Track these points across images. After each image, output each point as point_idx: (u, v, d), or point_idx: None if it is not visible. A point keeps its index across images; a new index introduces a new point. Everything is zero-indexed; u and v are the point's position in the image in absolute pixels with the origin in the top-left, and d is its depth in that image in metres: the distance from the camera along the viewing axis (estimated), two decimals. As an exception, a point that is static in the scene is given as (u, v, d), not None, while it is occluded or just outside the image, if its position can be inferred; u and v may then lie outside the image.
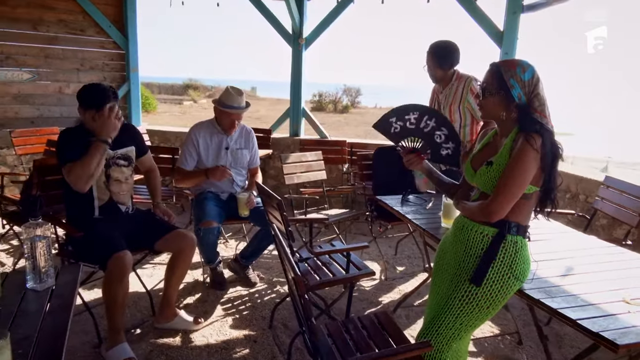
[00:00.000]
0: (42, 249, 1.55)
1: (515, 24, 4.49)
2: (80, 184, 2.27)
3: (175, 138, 5.49)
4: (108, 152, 2.39)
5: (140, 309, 2.82)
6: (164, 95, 33.04)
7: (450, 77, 3.08)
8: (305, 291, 1.30)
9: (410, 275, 3.59)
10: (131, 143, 2.58)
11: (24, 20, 4.88)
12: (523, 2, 4.46)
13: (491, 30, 4.56)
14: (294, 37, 5.14)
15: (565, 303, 1.55)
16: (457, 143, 1.90)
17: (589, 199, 3.60)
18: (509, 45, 4.49)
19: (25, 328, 1.30)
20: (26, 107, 5.03)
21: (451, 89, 3.08)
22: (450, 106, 3.08)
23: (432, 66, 3.05)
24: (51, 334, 1.30)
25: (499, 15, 4.55)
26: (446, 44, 3.04)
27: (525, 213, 1.59)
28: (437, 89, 3.20)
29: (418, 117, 1.89)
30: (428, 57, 3.06)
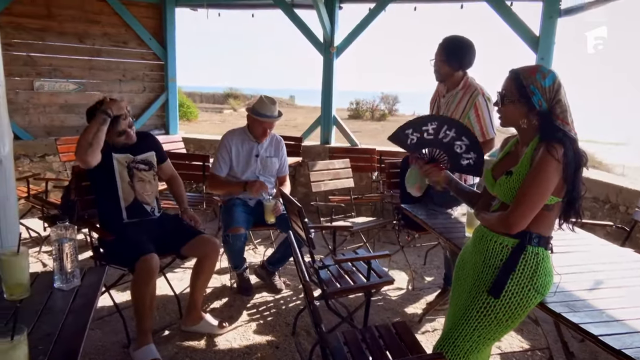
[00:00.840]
0: (68, 250, 1.62)
1: (551, 29, 4.36)
2: (81, 154, 2.32)
3: (210, 146, 5.63)
4: (128, 157, 2.51)
5: (168, 312, 2.90)
6: (206, 104, 34.00)
7: (458, 81, 2.79)
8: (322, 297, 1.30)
9: (439, 286, 3.50)
10: (151, 149, 2.68)
11: (70, 34, 5.16)
12: (560, 6, 4.32)
13: (526, 35, 4.45)
14: (325, 45, 5.18)
15: (588, 318, 1.47)
16: (478, 153, 1.84)
17: (629, 210, 3.42)
18: (545, 50, 4.37)
19: (48, 325, 1.37)
20: (72, 116, 5.31)
21: (455, 96, 2.80)
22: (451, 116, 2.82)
23: (438, 60, 2.76)
24: (71, 332, 1.35)
25: (535, 20, 4.44)
26: (460, 40, 2.75)
27: (547, 224, 1.53)
28: (440, 89, 2.93)
29: (437, 127, 1.84)
30: (437, 50, 2.77)
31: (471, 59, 2.77)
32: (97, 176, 2.52)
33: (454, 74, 2.77)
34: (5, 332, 1.08)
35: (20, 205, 4.16)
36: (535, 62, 4.42)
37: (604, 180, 3.66)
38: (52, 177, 4.54)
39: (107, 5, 5.29)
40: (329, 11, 5.02)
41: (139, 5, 5.56)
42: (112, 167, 2.49)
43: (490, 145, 2.82)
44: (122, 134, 2.50)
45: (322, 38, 5.20)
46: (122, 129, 2.49)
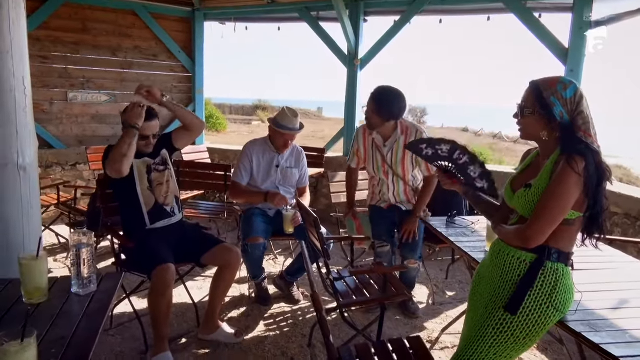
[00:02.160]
0: (86, 256, 1.65)
1: (581, 41, 4.24)
2: (115, 165, 2.36)
3: (234, 156, 5.70)
4: (147, 160, 2.57)
5: (186, 320, 2.93)
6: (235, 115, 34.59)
7: (391, 128, 2.93)
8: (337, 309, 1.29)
9: (460, 301, 3.42)
10: (162, 147, 2.71)
11: (104, 47, 5.37)
12: (591, 18, 4.21)
13: (555, 47, 4.34)
14: (350, 58, 5.21)
15: (610, 338, 1.41)
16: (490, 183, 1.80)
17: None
18: (575, 62, 4.25)
19: (62, 329, 1.40)
20: (103, 127, 5.49)
21: (398, 141, 2.94)
22: (403, 160, 2.97)
23: (369, 110, 2.87)
24: (84, 336, 1.38)
25: (564, 31, 4.34)
26: (390, 91, 2.85)
27: (567, 239, 1.48)
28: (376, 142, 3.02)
29: (450, 149, 1.84)
30: (369, 100, 2.90)
31: (401, 110, 2.88)
32: (119, 184, 2.57)
33: (384, 124, 2.89)
34: (16, 334, 1.11)
35: (51, 212, 4.33)
36: (564, 73, 4.31)
37: (636, 196, 3.51)
38: (82, 185, 4.68)
39: (138, 20, 5.49)
40: (353, 24, 5.05)
41: (169, 20, 5.74)
42: (133, 174, 2.53)
43: (434, 180, 2.96)
44: (143, 139, 2.53)
45: (346, 50, 5.23)
46: (144, 134, 2.52)
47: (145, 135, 2.53)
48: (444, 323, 3.05)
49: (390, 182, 3.09)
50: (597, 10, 4.33)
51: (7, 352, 1.09)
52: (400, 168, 3.03)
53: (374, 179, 3.19)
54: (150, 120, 2.54)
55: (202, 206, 4.20)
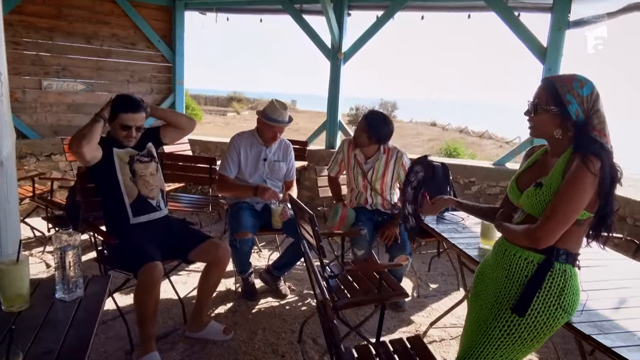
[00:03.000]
0: (71, 258, 1.53)
1: (559, 40, 4.35)
2: (73, 144, 2.32)
3: (215, 148, 5.61)
4: (130, 151, 2.49)
5: (172, 317, 2.86)
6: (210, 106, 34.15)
7: (374, 150, 3.14)
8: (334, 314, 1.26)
9: (444, 293, 3.47)
10: (148, 140, 2.62)
11: (79, 34, 5.16)
12: (569, 18, 4.31)
13: (534, 46, 4.44)
14: (333, 51, 5.17)
15: (620, 341, 1.40)
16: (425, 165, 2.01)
17: (637, 222, 3.38)
18: (553, 61, 4.36)
19: (48, 341, 1.28)
20: (79, 116, 5.28)
21: (380, 160, 3.14)
22: (384, 177, 3.16)
23: (359, 129, 3.07)
24: (73, 348, 1.26)
25: (543, 31, 4.43)
26: (381, 116, 3.11)
27: (575, 240, 1.47)
28: (358, 158, 3.18)
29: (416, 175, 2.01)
30: (361, 121, 3.11)
31: (387, 136, 3.09)
32: (99, 174, 2.48)
33: (370, 145, 3.08)
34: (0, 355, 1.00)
35: (25, 204, 4.15)
36: (543, 72, 4.40)
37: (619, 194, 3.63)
38: (57, 176, 4.51)
39: (117, 7, 5.30)
40: (337, 17, 5.01)
41: (148, 8, 5.56)
42: (113, 163, 2.44)
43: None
44: (125, 129, 2.43)
45: (330, 44, 5.19)
46: (126, 124, 2.42)
47: (126, 125, 2.42)
48: (430, 316, 3.08)
49: (368, 195, 3.23)
50: (575, 11, 4.44)
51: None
52: (379, 184, 3.17)
53: (352, 190, 3.29)
54: (136, 112, 2.44)
55: (184, 199, 4.11)
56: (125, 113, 2.41)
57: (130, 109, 2.42)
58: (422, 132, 29.86)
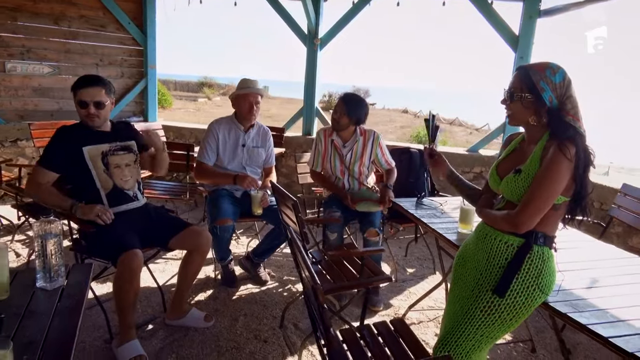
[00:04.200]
0: (53, 246, 1.52)
1: (531, 29, 4.46)
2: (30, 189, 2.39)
3: (190, 134, 5.51)
4: (103, 147, 2.44)
5: (151, 305, 2.83)
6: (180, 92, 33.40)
7: (352, 132, 3.19)
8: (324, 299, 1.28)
9: (420, 277, 3.56)
10: (130, 139, 2.59)
11: (45, 15, 4.94)
12: (540, 7, 4.40)
13: (506, 35, 4.52)
14: (310, 37, 5.13)
15: (594, 319, 1.48)
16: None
17: (603, 206, 3.53)
18: (524, 49, 4.47)
19: (32, 331, 1.26)
20: (46, 100, 5.09)
21: (357, 142, 3.20)
22: (362, 158, 3.21)
23: (339, 112, 3.10)
24: (59, 337, 1.25)
25: (514, 19, 4.52)
26: (358, 97, 3.20)
27: (552, 223, 1.53)
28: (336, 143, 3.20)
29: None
30: (339, 103, 3.13)
31: (365, 115, 3.16)
32: (70, 170, 2.42)
33: (349, 126, 3.13)
34: None
35: (-10, 192, 4.00)
36: (514, 61, 4.50)
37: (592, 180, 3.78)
38: (25, 163, 4.35)
39: (84, -14, 5.09)
40: (314, 2, 4.96)
41: (118, -12, 5.37)
42: (84, 160, 2.39)
43: (394, 171, 3.27)
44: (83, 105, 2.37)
45: (306, 29, 5.14)
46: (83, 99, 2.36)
47: (83, 101, 2.36)
48: (407, 299, 3.16)
49: (345, 180, 3.24)
50: (546, 0, 4.55)
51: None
52: (357, 167, 3.20)
53: (330, 177, 3.29)
54: (90, 86, 2.37)
55: (159, 186, 4.03)
56: (81, 89, 2.36)
57: (85, 84, 2.37)
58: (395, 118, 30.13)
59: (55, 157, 2.36)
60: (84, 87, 2.36)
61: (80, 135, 2.42)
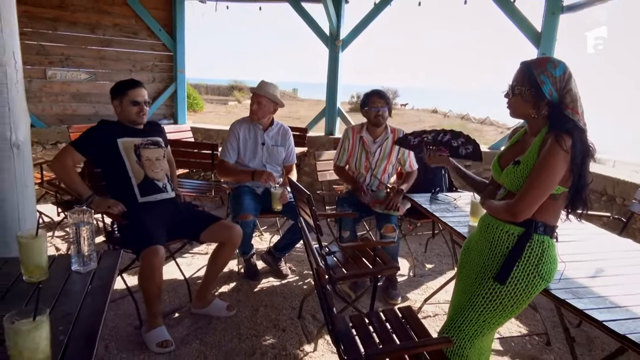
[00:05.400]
0: (86, 233, 1.65)
1: (554, 25, 4.41)
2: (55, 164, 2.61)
3: (217, 135, 5.71)
4: (135, 140, 2.64)
5: (178, 295, 2.99)
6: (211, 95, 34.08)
7: (383, 128, 3.29)
8: (328, 282, 1.38)
9: (439, 272, 3.60)
10: (158, 135, 2.79)
11: (82, 24, 5.24)
12: (563, 3, 4.36)
13: (529, 31, 4.49)
14: (331, 38, 5.24)
15: (592, 304, 1.52)
16: (474, 144, 2.01)
17: (625, 202, 3.49)
18: (547, 46, 4.42)
19: (66, 306, 1.40)
20: (84, 105, 5.40)
21: (387, 139, 3.28)
22: (390, 156, 3.30)
23: (377, 104, 3.19)
24: (90, 313, 1.38)
25: (537, 16, 4.49)
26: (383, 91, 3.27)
27: (552, 213, 1.58)
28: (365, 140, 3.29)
29: (435, 134, 2.12)
30: (375, 99, 3.20)
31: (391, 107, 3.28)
32: (104, 161, 2.64)
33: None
34: (28, 313, 1.09)
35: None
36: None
37: (601, 173, 3.73)
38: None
39: (118, -4, 5.37)
40: (335, 4, 5.06)
41: (149, -3, 5.63)
42: (118, 151, 2.59)
43: (415, 174, 3.37)
44: (136, 104, 2.62)
45: (328, 31, 5.25)
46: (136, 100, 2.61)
47: (136, 101, 2.61)
48: (425, 293, 3.21)
49: (367, 177, 3.33)
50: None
51: (20, 331, 1.06)
52: (383, 165, 3.29)
53: (353, 173, 3.38)
54: (141, 87, 2.65)
55: (187, 185, 4.22)
56: (132, 89, 2.60)
57: (135, 85, 2.63)
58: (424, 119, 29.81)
59: (89, 142, 2.58)
60: (134, 88, 2.61)
61: (117, 129, 2.63)
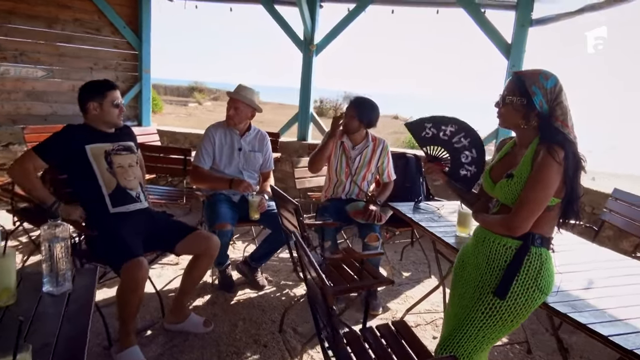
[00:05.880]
0: (60, 251, 1.51)
1: (523, 37, 4.55)
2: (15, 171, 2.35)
3: (184, 139, 5.51)
4: (106, 146, 2.45)
5: (149, 310, 2.81)
6: (170, 96, 33.22)
7: (363, 136, 3.23)
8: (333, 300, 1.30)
9: (416, 281, 3.59)
10: (128, 139, 2.62)
11: (40, 17, 4.91)
12: (532, 16, 4.50)
13: (499, 43, 4.61)
14: (305, 43, 5.17)
15: (593, 318, 1.52)
16: (479, 169, 1.91)
17: (595, 210, 3.61)
18: (517, 57, 4.55)
19: (42, 335, 1.25)
20: (39, 104, 5.05)
21: (367, 148, 3.24)
22: (369, 165, 3.25)
23: (349, 115, 3.13)
24: (70, 340, 1.25)
25: (507, 28, 4.61)
26: (370, 101, 3.16)
27: (548, 224, 1.57)
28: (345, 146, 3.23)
29: (455, 131, 1.93)
30: (349, 107, 3.16)
31: (377, 119, 3.19)
32: (72, 168, 2.43)
33: (360, 129, 3.17)
34: (6, 350, 0.97)
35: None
36: (507, 68, 4.58)
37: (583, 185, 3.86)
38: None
39: (79, -11, 5.08)
40: (310, 9, 5.00)
41: (113, -8, 5.37)
42: (87, 158, 2.39)
43: (391, 185, 3.32)
44: (117, 106, 2.46)
45: (302, 36, 5.18)
46: (117, 102, 2.46)
47: (117, 103, 2.47)
48: (405, 303, 3.19)
49: (347, 184, 3.28)
50: (538, 9, 4.65)
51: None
52: (362, 172, 3.24)
53: (331, 179, 3.32)
54: (116, 89, 2.50)
55: (155, 191, 4.01)
56: (112, 90, 2.45)
57: (114, 86, 2.48)
58: (386, 124, 30.28)
59: (54, 149, 2.36)
60: (114, 89, 2.46)
61: (85, 135, 2.43)
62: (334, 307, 1.35)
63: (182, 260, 3.52)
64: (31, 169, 2.33)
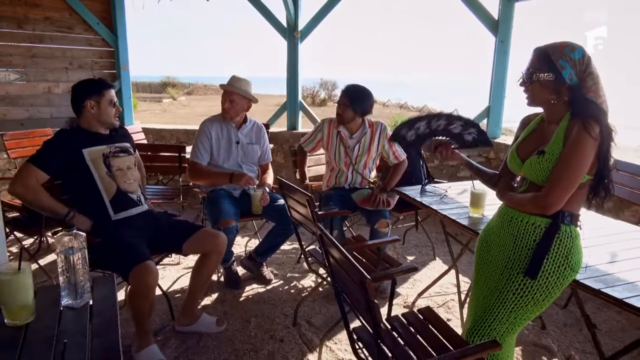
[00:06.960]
0: (78, 261, 1.44)
1: (510, 12, 4.50)
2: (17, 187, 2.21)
3: (170, 136, 5.36)
4: (103, 149, 2.36)
5: (158, 313, 2.73)
6: (142, 93, 32.50)
7: (359, 124, 3.16)
8: (374, 292, 1.25)
9: (422, 264, 3.59)
10: (124, 140, 2.52)
11: (7, 18, 4.66)
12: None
13: (486, 19, 4.56)
14: (289, 30, 5.06)
15: (627, 292, 1.50)
16: (477, 127, 1.93)
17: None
18: (504, 33, 4.51)
19: (72, 355, 1.17)
20: (15, 109, 4.83)
21: (365, 135, 3.17)
22: (369, 151, 3.19)
23: (342, 104, 3.05)
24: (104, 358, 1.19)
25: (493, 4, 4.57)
26: (363, 89, 3.08)
27: (577, 202, 1.54)
28: (342, 135, 3.17)
29: (426, 123, 1.95)
30: (342, 96, 3.08)
31: (371, 107, 3.10)
32: (69, 175, 2.31)
33: (355, 118, 3.08)
34: None
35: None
36: (495, 45, 4.56)
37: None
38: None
39: (47, -13, 4.84)
40: (293, -6, 4.89)
41: (83, -13, 5.13)
42: (85, 164, 2.29)
43: (404, 164, 3.26)
44: (114, 105, 2.39)
45: (285, 22, 5.07)
46: (114, 101, 2.39)
47: (114, 102, 2.40)
48: (413, 287, 3.19)
49: (349, 173, 3.23)
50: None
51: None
52: (363, 160, 3.18)
53: (333, 169, 3.27)
54: (111, 87, 2.43)
55: (149, 190, 3.89)
56: (109, 89, 2.37)
57: (110, 85, 2.41)
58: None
59: (53, 158, 2.24)
60: (110, 88, 2.38)
61: (80, 138, 2.32)
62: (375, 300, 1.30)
63: (184, 260, 3.44)
64: (35, 185, 2.21)
